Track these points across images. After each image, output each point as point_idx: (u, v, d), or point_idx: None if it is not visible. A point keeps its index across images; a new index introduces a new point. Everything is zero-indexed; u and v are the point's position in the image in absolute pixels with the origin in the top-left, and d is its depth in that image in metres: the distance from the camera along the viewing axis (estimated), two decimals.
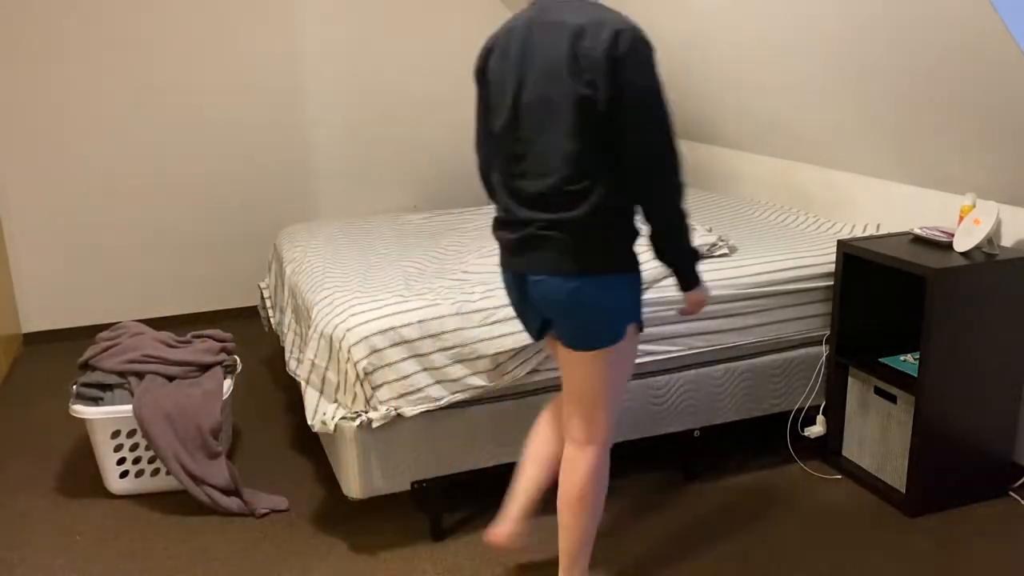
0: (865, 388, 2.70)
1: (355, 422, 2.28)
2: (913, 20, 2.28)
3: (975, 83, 2.30)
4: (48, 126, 3.94)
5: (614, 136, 1.76)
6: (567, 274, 1.81)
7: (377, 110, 4.45)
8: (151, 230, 4.20)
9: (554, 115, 1.78)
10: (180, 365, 2.77)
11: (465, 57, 4.53)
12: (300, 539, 2.48)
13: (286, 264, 3.11)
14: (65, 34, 3.86)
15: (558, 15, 1.79)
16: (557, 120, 1.77)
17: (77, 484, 2.82)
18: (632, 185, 1.80)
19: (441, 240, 3.23)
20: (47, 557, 2.42)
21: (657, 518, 2.54)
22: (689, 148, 4.23)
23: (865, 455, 2.72)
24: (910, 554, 2.35)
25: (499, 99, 1.88)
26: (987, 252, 2.48)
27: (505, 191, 1.90)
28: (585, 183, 1.78)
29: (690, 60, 3.49)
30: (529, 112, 1.82)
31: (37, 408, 3.42)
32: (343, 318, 2.35)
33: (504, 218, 1.92)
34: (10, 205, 3.97)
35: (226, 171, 4.26)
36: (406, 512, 2.60)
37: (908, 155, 2.82)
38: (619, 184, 1.80)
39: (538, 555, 2.37)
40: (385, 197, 4.59)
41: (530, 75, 1.81)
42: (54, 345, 4.12)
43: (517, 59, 1.83)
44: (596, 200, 1.78)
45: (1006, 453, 2.60)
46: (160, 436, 2.58)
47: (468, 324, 2.36)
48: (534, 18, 1.83)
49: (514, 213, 1.87)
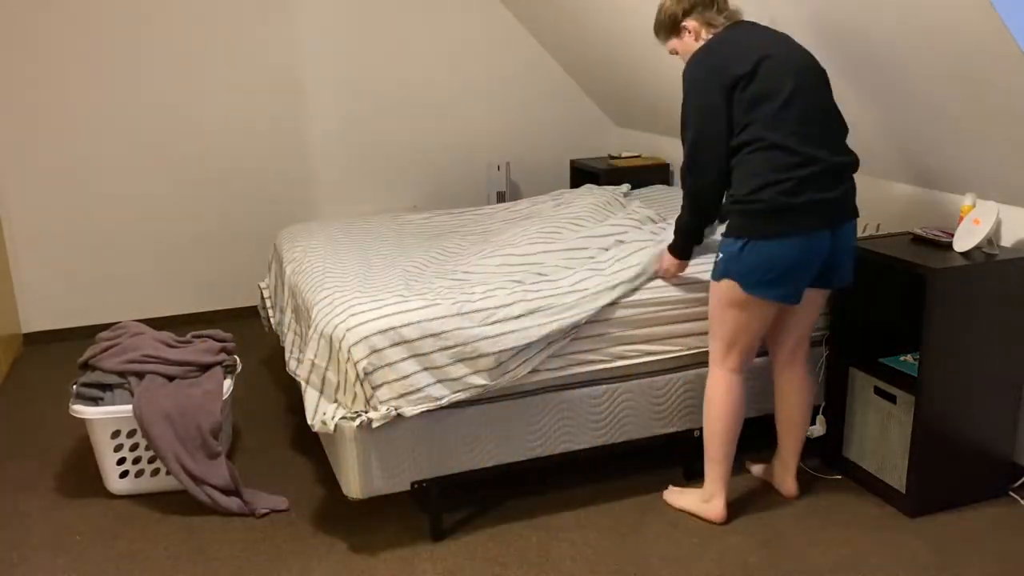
0: (865, 388, 2.70)
1: (355, 422, 2.28)
2: (913, 20, 2.28)
3: (975, 83, 2.30)
4: (48, 126, 3.94)
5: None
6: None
7: (377, 110, 4.45)
8: (151, 230, 4.20)
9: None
10: (180, 365, 2.77)
11: (465, 57, 4.53)
12: (300, 539, 2.48)
13: (286, 264, 3.11)
14: (65, 35, 3.86)
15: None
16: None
17: (77, 484, 2.82)
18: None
19: (441, 240, 3.23)
20: (47, 557, 2.42)
21: (657, 518, 2.54)
22: None
23: (865, 455, 2.72)
24: (910, 554, 2.34)
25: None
26: (987, 252, 2.48)
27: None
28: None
29: None
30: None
31: (37, 408, 3.42)
32: (343, 318, 2.35)
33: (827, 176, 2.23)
34: (10, 205, 3.97)
35: (226, 171, 4.26)
36: (406, 512, 2.60)
37: (908, 155, 2.82)
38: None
39: (536, 556, 2.37)
40: (385, 197, 4.59)
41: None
42: (54, 345, 4.12)
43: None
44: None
45: (1006, 453, 2.60)
46: (160, 436, 2.58)
47: (469, 324, 2.36)
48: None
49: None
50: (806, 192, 2.19)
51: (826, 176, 2.21)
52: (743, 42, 2.25)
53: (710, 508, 2.50)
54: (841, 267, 2.35)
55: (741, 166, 2.24)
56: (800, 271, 2.26)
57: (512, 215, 3.60)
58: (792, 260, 2.22)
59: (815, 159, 2.19)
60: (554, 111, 4.79)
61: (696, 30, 2.36)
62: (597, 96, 4.75)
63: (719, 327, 2.38)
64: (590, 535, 2.46)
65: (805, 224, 2.21)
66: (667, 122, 4.27)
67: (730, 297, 2.31)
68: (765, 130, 2.19)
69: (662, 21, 2.42)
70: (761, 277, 2.24)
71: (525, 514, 2.57)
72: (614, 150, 4.95)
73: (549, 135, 4.82)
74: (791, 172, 2.18)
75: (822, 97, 2.25)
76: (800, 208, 2.19)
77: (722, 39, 2.29)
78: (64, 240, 4.08)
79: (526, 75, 4.69)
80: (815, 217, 2.21)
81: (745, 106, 2.20)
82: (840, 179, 2.25)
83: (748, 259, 2.24)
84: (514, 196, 4.81)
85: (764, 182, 2.18)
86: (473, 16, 4.50)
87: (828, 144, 2.23)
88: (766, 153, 2.19)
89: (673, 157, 4.38)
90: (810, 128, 2.20)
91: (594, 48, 4.17)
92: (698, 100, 2.27)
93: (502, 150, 4.75)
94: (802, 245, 2.22)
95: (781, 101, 2.18)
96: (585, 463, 2.84)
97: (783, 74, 2.19)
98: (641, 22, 3.55)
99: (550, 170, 4.86)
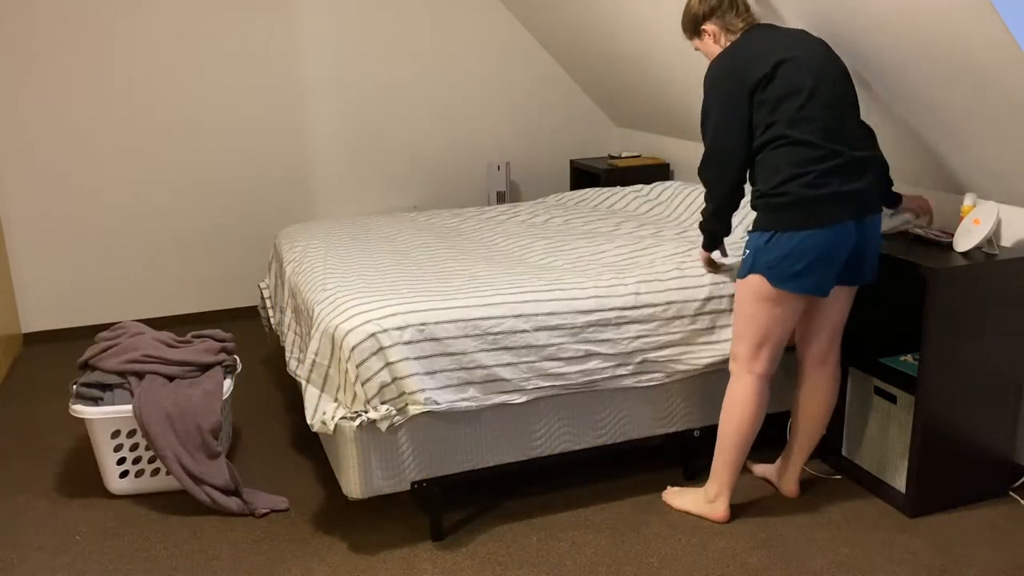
0: (865, 388, 2.70)
1: (355, 422, 2.28)
2: (913, 20, 2.28)
3: (975, 83, 2.30)
4: (48, 126, 3.94)
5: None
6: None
7: (377, 110, 4.45)
8: (151, 230, 4.20)
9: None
10: (180, 365, 2.77)
11: (465, 57, 4.53)
12: (300, 539, 2.48)
13: (286, 264, 3.11)
14: (65, 36, 3.86)
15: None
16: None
17: (77, 484, 2.82)
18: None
19: (441, 240, 3.23)
20: (47, 557, 2.42)
21: (657, 518, 2.54)
22: (689, 147, 4.23)
23: (865, 455, 2.72)
24: (910, 554, 2.34)
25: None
26: (987, 252, 2.48)
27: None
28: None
29: (687, 58, 3.49)
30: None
31: (37, 408, 3.42)
32: (344, 318, 2.35)
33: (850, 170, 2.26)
34: (10, 205, 3.97)
35: (226, 171, 4.26)
36: (406, 512, 2.60)
37: (908, 155, 2.82)
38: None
39: (539, 559, 2.37)
40: (385, 197, 4.59)
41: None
42: (54, 345, 4.12)
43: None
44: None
45: (1006, 453, 2.60)
46: (160, 436, 2.58)
47: (472, 332, 2.36)
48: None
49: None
50: (830, 184, 2.21)
51: (849, 168, 2.24)
52: (761, 46, 2.29)
53: (714, 509, 2.50)
54: (866, 262, 2.36)
55: (765, 163, 2.28)
56: (827, 262, 2.26)
57: (510, 217, 3.61)
58: (819, 251, 2.24)
59: (838, 152, 2.23)
60: (554, 111, 4.80)
61: (715, 33, 2.42)
62: (597, 96, 4.75)
63: (746, 327, 2.37)
64: (590, 535, 2.46)
65: (830, 215, 2.22)
66: (667, 122, 4.27)
67: (758, 293, 2.32)
68: (788, 128, 2.23)
69: (686, 21, 2.49)
70: (788, 269, 2.26)
71: (525, 514, 2.58)
72: (614, 150, 4.95)
73: (549, 135, 4.82)
74: (814, 165, 2.22)
75: (843, 91, 2.28)
76: (825, 199, 2.21)
77: (741, 44, 2.34)
78: (64, 240, 4.08)
79: (526, 75, 4.69)
80: (840, 208, 2.23)
81: (768, 107, 2.25)
82: (864, 171, 2.27)
83: (775, 252, 2.26)
84: (514, 196, 4.82)
85: (788, 176, 2.23)
86: (473, 16, 4.51)
87: (850, 138, 2.26)
88: (789, 149, 2.23)
89: (673, 157, 4.38)
90: (832, 123, 2.24)
91: (594, 48, 4.17)
92: (717, 101, 2.32)
93: (502, 150, 4.75)
94: (828, 236, 2.23)
95: (803, 99, 2.22)
96: (585, 463, 2.84)
97: (802, 73, 2.24)
98: (641, 22, 3.55)
99: (550, 170, 4.86)
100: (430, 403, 2.31)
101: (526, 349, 2.40)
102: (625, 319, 2.51)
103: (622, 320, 2.50)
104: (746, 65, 2.28)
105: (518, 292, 2.48)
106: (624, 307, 2.51)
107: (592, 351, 2.47)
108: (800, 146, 2.23)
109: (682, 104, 3.93)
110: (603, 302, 2.49)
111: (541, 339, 2.42)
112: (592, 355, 2.47)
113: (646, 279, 2.59)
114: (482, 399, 2.38)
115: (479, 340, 2.36)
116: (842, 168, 2.23)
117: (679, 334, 2.57)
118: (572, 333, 2.45)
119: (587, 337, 2.47)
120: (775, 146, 2.26)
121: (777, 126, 2.25)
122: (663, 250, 2.85)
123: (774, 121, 2.25)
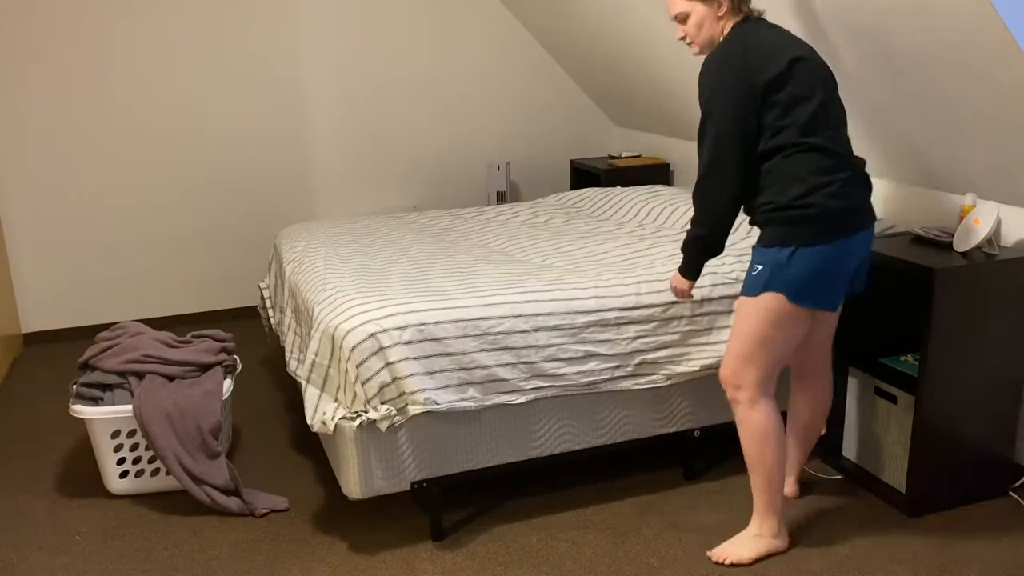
0: (865, 388, 2.70)
1: (355, 422, 2.28)
2: (913, 19, 2.28)
3: (975, 82, 2.30)
4: (48, 127, 3.94)
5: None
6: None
7: (377, 110, 4.45)
8: (151, 230, 4.20)
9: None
10: (180, 365, 2.76)
11: (465, 57, 4.53)
12: (300, 539, 2.48)
13: (286, 264, 3.11)
14: (65, 36, 3.86)
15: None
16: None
17: (77, 484, 2.82)
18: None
19: (441, 240, 3.23)
20: (47, 557, 2.42)
21: (657, 518, 2.54)
22: (689, 148, 4.23)
23: (865, 455, 2.72)
24: (910, 554, 2.34)
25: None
26: (987, 252, 2.48)
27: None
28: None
29: (688, 57, 3.49)
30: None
31: (37, 408, 3.42)
32: (344, 318, 2.35)
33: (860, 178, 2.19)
34: (10, 205, 3.97)
35: (226, 171, 4.26)
36: (406, 512, 2.60)
37: (908, 155, 2.82)
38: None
39: (538, 560, 2.37)
40: (385, 197, 4.59)
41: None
42: (54, 345, 4.12)
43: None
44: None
45: (1006, 453, 2.60)
46: (160, 436, 2.58)
47: (472, 333, 2.36)
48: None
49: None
50: (851, 193, 2.12)
51: (859, 177, 2.18)
52: (770, 41, 2.12)
53: (781, 541, 2.36)
54: (862, 271, 2.29)
55: (777, 171, 2.13)
56: (846, 275, 2.19)
57: (511, 217, 3.61)
58: (843, 264, 2.15)
59: (847, 160, 2.15)
60: (554, 111, 4.80)
61: (727, 10, 2.16)
62: (597, 96, 4.75)
63: (761, 349, 2.20)
64: (590, 535, 2.46)
65: (854, 226, 2.14)
66: (667, 122, 4.27)
67: (777, 312, 2.16)
68: (802, 134, 2.09)
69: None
70: (810, 285, 2.13)
71: (525, 514, 2.58)
72: (614, 150, 4.95)
73: (549, 135, 4.82)
74: (834, 174, 2.10)
75: (838, 100, 2.19)
76: (849, 209, 2.13)
77: (747, 32, 2.14)
78: (64, 240, 4.08)
79: (526, 75, 4.69)
80: (862, 217, 2.17)
81: (780, 109, 2.09)
82: (866, 178, 2.22)
83: (798, 268, 2.12)
84: (514, 196, 4.82)
85: (811, 186, 2.09)
86: (473, 16, 4.50)
87: (849, 147, 2.19)
88: (806, 155, 2.10)
89: (673, 157, 4.38)
90: (838, 131, 2.16)
91: (594, 48, 4.17)
92: (724, 100, 2.12)
93: (502, 150, 4.75)
94: (849, 248, 2.14)
95: (816, 103, 2.09)
96: (585, 463, 2.84)
97: (814, 75, 2.11)
98: (642, 22, 3.55)
99: (550, 170, 4.86)
100: (430, 403, 2.31)
101: (526, 349, 2.41)
102: (624, 319, 2.51)
103: (621, 320, 2.50)
104: (761, 58, 2.09)
105: (518, 292, 2.48)
106: (624, 307, 2.51)
107: (591, 352, 2.47)
108: (817, 153, 2.10)
109: (682, 104, 3.93)
110: (603, 302, 2.49)
111: (541, 339, 2.42)
112: (591, 356, 2.47)
113: (647, 279, 2.59)
114: (482, 399, 2.38)
115: (479, 340, 2.36)
116: (855, 177, 2.16)
117: (677, 335, 2.57)
118: (572, 333, 2.45)
119: (586, 337, 2.47)
120: (787, 153, 2.10)
121: (789, 131, 2.09)
122: (663, 251, 2.86)
123: (786, 125, 2.09)
